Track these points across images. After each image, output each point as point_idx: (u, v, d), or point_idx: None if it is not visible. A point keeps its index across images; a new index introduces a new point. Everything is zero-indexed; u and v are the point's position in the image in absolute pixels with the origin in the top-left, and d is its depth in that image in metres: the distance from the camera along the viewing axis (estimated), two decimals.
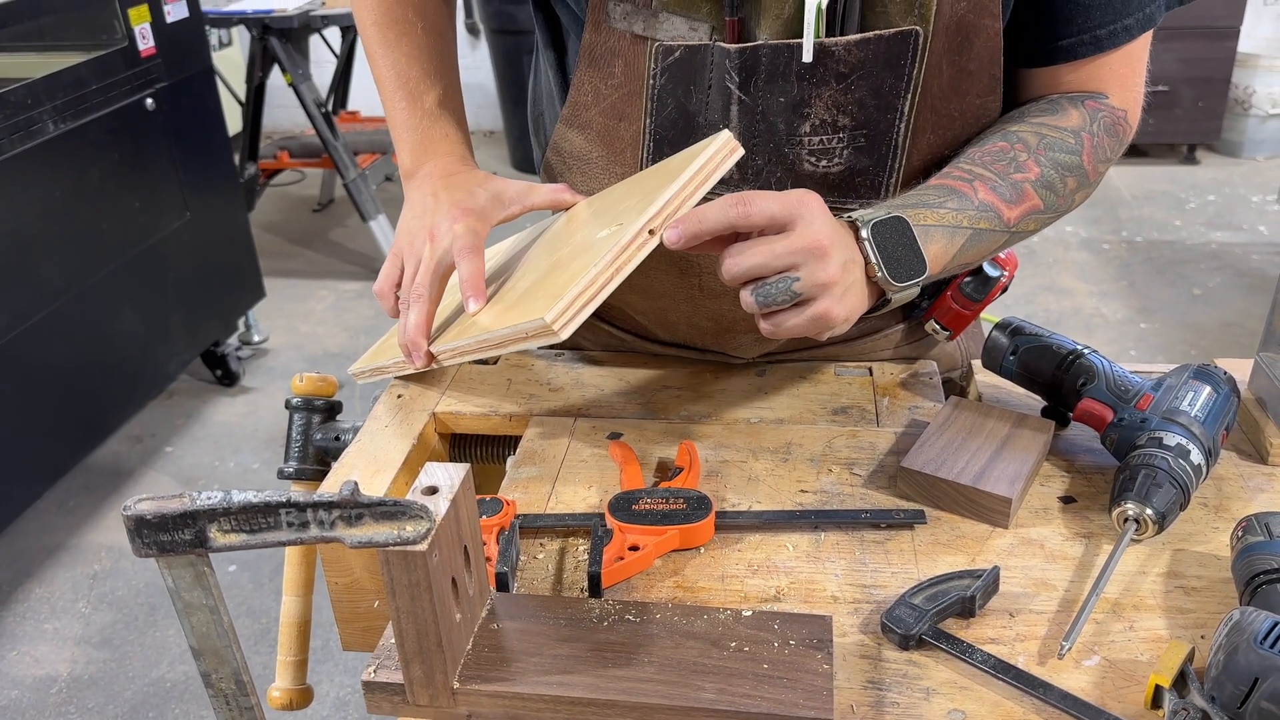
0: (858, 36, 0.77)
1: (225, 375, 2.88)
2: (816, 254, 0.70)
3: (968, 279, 0.92)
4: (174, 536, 0.57)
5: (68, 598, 2.18)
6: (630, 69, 0.83)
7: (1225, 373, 0.81)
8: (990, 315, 0.95)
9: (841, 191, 0.84)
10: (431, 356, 0.86)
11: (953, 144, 0.83)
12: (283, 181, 4.19)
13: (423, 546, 0.56)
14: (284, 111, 4.36)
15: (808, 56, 0.77)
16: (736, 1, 0.78)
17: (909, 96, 0.79)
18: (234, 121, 3.28)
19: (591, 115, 0.87)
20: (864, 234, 0.74)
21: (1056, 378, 0.83)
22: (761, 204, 0.70)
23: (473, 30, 4.71)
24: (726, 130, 0.75)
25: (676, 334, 0.98)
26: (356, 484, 0.56)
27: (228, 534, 0.57)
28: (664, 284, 0.92)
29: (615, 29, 0.82)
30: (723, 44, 0.79)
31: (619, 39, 0.82)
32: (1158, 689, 0.59)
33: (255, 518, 0.56)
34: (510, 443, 0.92)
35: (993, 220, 0.79)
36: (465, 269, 0.82)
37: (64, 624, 2.11)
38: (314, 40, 3.63)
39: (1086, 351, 0.83)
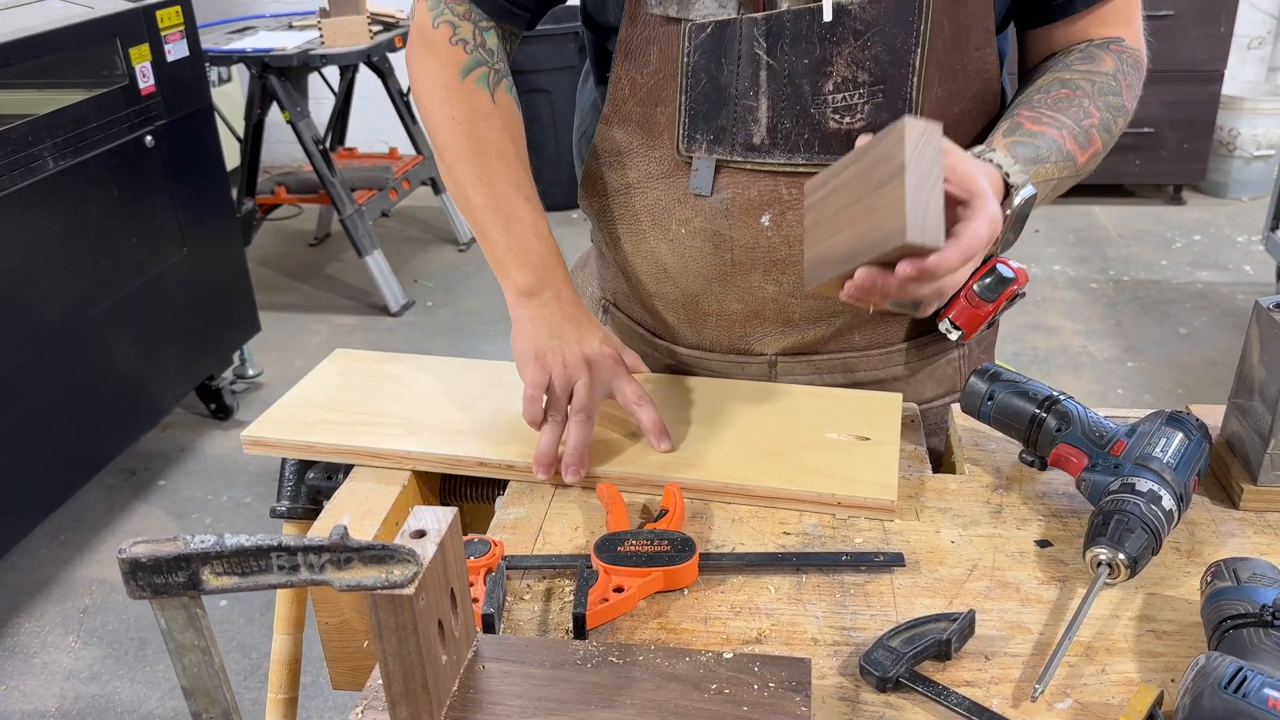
0: None
1: (219, 409, 2.89)
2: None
3: (984, 279, 0.94)
4: (168, 579, 0.59)
5: (58, 632, 2.17)
6: (664, 54, 0.90)
7: (1197, 419, 0.83)
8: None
9: None
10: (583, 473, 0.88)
11: (958, 97, 0.90)
12: (280, 216, 4.22)
13: (410, 590, 0.57)
14: (282, 147, 4.40)
15: (828, 16, 0.84)
16: None
17: (919, 50, 0.86)
18: (232, 157, 3.31)
19: (630, 107, 0.94)
20: (1013, 204, 0.81)
21: (1033, 423, 0.85)
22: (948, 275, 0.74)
23: None
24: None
25: (704, 331, 1.03)
26: (346, 528, 0.57)
27: (220, 576, 0.58)
28: (699, 261, 0.97)
29: (651, 15, 0.89)
30: (750, 15, 0.86)
31: (653, 27, 0.89)
32: None
33: (247, 561, 0.58)
34: (500, 484, 0.94)
35: (1070, 168, 0.87)
36: (649, 416, 0.90)
37: (53, 658, 2.10)
38: (313, 78, 3.68)
39: (1062, 398, 0.85)
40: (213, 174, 2.82)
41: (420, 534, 0.62)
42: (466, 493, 0.97)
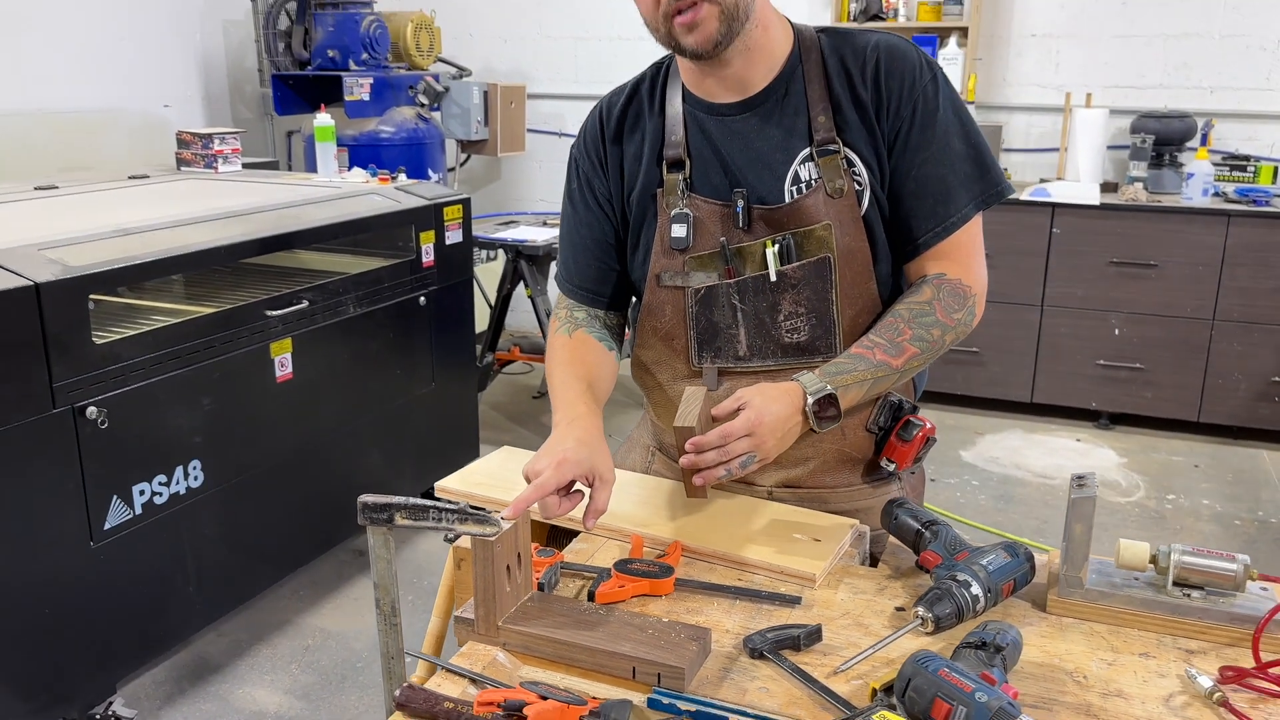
0: (797, 264, 1.37)
1: None
2: (763, 449, 1.26)
3: (901, 430, 1.41)
4: (378, 515, 1.15)
5: (285, 659, 2.81)
6: (675, 308, 1.44)
7: (1028, 551, 1.24)
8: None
9: (809, 352, 1.40)
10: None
11: (862, 311, 1.39)
12: (513, 371, 5.03)
13: (493, 539, 1.10)
14: (525, 315, 5.26)
15: (773, 278, 1.38)
16: (730, 257, 1.39)
17: (834, 290, 1.37)
18: (482, 320, 4.12)
19: (654, 340, 1.48)
20: (808, 406, 1.28)
21: (917, 538, 1.28)
22: (739, 441, 1.25)
23: None
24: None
25: None
26: (468, 505, 1.12)
27: (404, 519, 1.14)
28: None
29: (664, 287, 1.43)
30: (726, 281, 1.40)
31: (666, 293, 1.44)
32: (874, 690, 1.03)
33: (418, 512, 1.13)
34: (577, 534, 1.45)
35: (886, 370, 1.33)
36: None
37: (278, 678, 2.73)
38: (552, 265, 4.50)
39: (939, 522, 1.28)
40: (464, 331, 3.59)
41: (504, 519, 1.15)
42: (560, 540, 1.49)
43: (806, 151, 1.37)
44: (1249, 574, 1.17)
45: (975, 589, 1.17)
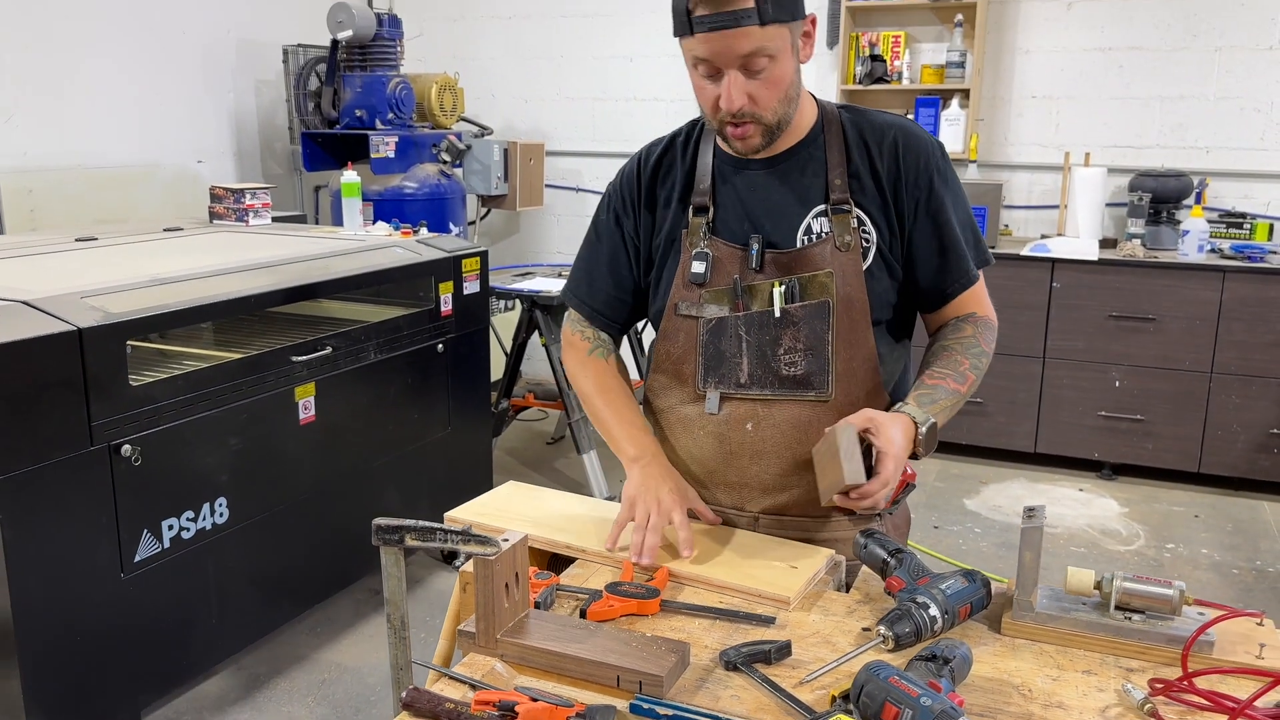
0: (799, 304, 1.51)
1: (450, 554, 3.67)
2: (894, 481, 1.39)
3: None
4: (390, 536, 1.27)
5: (301, 692, 2.92)
6: (688, 336, 1.59)
7: (985, 578, 1.34)
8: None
9: (804, 386, 1.54)
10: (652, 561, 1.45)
11: (854, 355, 1.53)
12: (528, 417, 5.16)
13: (492, 557, 1.22)
14: (538, 364, 5.40)
15: (778, 314, 1.53)
16: (741, 292, 1.54)
17: (831, 331, 1.51)
18: (498, 368, 4.26)
19: (667, 365, 1.62)
20: (921, 433, 1.42)
21: (884, 565, 1.39)
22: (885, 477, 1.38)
23: None
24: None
25: (716, 495, 1.63)
26: (470, 526, 1.24)
27: (413, 540, 1.26)
28: (710, 451, 1.60)
29: (680, 316, 1.58)
30: (736, 314, 1.54)
31: (681, 321, 1.58)
32: (834, 698, 1.13)
33: (426, 533, 1.25)
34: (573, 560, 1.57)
35: (957, 397, 1.49)
36: (683, 534, 1.48)
37: (295, 710, 2.84)
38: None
39: (905, 550, 1.39)
40: (479, 378, 3.73)
41: (505, 540, 1.27)
42: (560, 566, 1.60)
43: (822, 208, 1.54)
44: (1185, 599, 1.27)
45: (933, 610, 1.28)
